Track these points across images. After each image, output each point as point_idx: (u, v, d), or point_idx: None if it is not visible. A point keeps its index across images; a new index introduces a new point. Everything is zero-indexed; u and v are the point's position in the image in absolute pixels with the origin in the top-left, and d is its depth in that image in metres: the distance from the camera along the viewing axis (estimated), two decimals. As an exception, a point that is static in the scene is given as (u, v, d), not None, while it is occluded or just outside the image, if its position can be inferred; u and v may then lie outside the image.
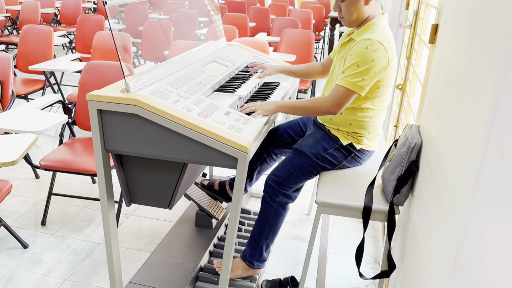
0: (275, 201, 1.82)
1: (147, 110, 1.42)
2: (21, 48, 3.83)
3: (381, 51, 1.61)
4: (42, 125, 2.09)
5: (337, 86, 1.65)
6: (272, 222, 1.83)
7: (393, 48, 1.68)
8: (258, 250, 1.86)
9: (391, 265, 1.56)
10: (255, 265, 1.89)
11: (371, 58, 1.61)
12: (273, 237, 1.87)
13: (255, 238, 1.86)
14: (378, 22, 1.71)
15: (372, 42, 1.61)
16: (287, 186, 1.81)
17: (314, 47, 4.30)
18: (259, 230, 1.85)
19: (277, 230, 1.87)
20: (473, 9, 1.05)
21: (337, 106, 1.65)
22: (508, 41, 0.75)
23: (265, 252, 1.88)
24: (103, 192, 1.61)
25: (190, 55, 2.03)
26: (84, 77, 2.58)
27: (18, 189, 2.83)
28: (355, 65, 1.62)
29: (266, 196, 1.83)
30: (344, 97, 1.64)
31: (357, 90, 1.63)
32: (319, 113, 1.69)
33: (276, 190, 1.81)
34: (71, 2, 6.75)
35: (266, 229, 1.84)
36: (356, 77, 1.62)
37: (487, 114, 0.82)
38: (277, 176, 1.81)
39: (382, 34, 1.65)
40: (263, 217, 1.84)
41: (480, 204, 0.81)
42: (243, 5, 6.96)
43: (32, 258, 2.17)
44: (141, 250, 2.27)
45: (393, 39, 1.72)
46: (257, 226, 1.86)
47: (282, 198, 1.82)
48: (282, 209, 1.83)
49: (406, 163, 1.50)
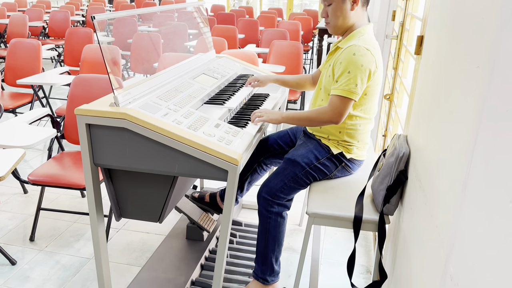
0: (272, 213, 1.80)
1: (136, 124, 1.41)
2: (9, 62, 3.81)
3: (368, 56, 1.65)
4: (30, 140, 2.07)
5: (334, 96, 1.68)
6: (274, 233, 1.82)
7: (379, 55, 1.73)
8: (268, 265, 1.83)
9: (382, 275, 1.56)
10: (269, 281, 1.85)
11: (360, 63, 1.64)
12: (279, 248, 1.85)
13: (262, 254, 1.83)
14: (363, 30, 1.75)
15: (358, 48, 1.65)
16: (281, 196, 1.81)
17: (303, 58, 4.34)
18: (264, 244, 1.82)
19: (282, 240, 1.85)
20: (456, 21, 1.08)
21: (338, 115, 1.67)
22: (491, 53, 0.77)
23: (276, 265, 1.85)
24: (93, 207, 1.60)
25: (180, 67, 2.03)
26: (73, 90, 2.57)
27: (6, 204, 2.79)
28: (345, 71, 1.66)
29: (261, 209, 1.82)
30: (343, 105, 1.67)
31: (352, 96, 1.66)
32: (322, 123, 1.72)
33: (270, 201, 1.80)
34: (60, 15, 6.75)
35: (270, 242, 1.82)
36: (350, 84, 1.65)
37: (472, 125, 0.83)
38: (270, 188, 1.80)
39: (367, 41, 1.69)
40: (264, 231, 1.82)
41: (467, 214, 0.82)
42: (232, 17, 7.01)
43: (21, 275, 2.14)
44: (132, 264, 2.25)
45: (379, 47, 1.76)
46: (261, 241, 1.83)
47: (278, 208, 1.81)
48: (280, 218, 1.82)
49: (395, 173, 1.52)
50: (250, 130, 1.67)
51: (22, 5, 9.36)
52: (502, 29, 0.74)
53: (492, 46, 0.76)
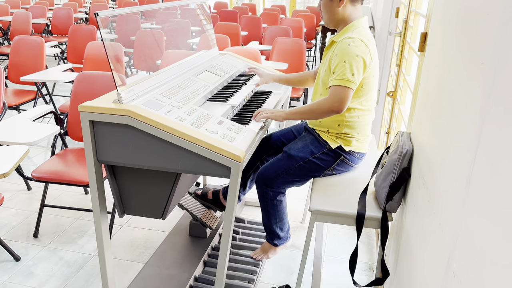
0: (267, 197, 1.90)
1: (140, 121, 1.42)
2: (13, 59, 3.82)
3: (363, 47, 1.69)
4: (34, 137, 2.08)
5: (332, 87, 1.70)
6: (273, 212, 1.93)
7: (374, 47, 1.76)
8: (274, 234, 1.99)
9: (384, 272, 1.56)
10: (279, 244, 2.03)
11: (356, 53, 1.68)
12: (282, 221, 1.97)
13: (267, 226, 1.98)
14: (357, 24, 1.79)
15: (353, 39, 1.70)
16: (274, 185, 1.87)
17: (306, 55, 4.33)
18: (267, 220, 1.96)
19: (283, 215, 1.96)
20: (460, 18, 1.07)
21: (338, 103, 1.68)
22: (495, 50, 0.77)
23: (282, 232, 2.00)
24: (96, 203, 1.60)
25: (183, 64, 2.03)
26: (76, 87, 2.58)
27: (10, 201, 2.80)
28: (341, 62, 1.69)
29: (258, 193, 1.92)
30: (342, 94, 1.68)
31: (350, 85, 1.67)
32: (324, 113, 1.73)
33: (265, 188, 1.88)
34: (63, 12, 6.75)
35: (272, 218, 1.95)
36: (347, 73, 1.67)
37: (476, 122, 0.83)
38: (264, 176, 1.87)
39: (361, 33, 1.74)
40: (265, 210, 1.94)
41: (471, 211, 0.82)
42: (235, 14, 7.00)
43: (24, 271, 2.15)
44: (135, 261, 2.25)
45: (373, 39, 1.80)
46: (264, 217, 1.96)
47: (273, 194, 1.89)
48: (277, 201, 1.91)
49: (398, 170, 1.51)
50: (253, 127, 1.67)
51: (26, 3, 9.38)
52: (506, 25, 0.73)
53: (497, 43, 0.76)
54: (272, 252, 2.06)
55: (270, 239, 2.02)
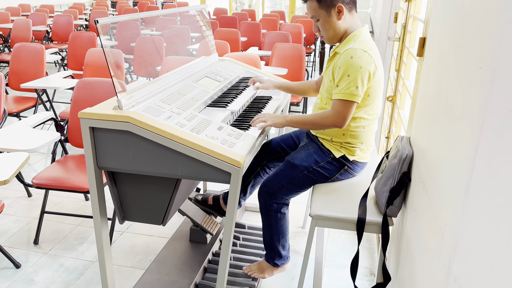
0: (271, 210, 1.86)
1: (140, 127, 1.42)
2: (13, 66, 3.83)
3: (366, 57, 1.66)
4: (34, 143, 2.08)
5: (336, 101, 1.68)
6: (276, 227, 1.89)
7: (377, 55, 1.73)
8: (275, 252, 1.94)
9: (386, 277, 1.56)
10: (279, 264, 1.96)
11: (359, 65, 1.65)
12: (284, 237, 1.93)
13: (269, 244, 1.93)
14: (358, 33, 1.77)
15: (355, 51, 1.66)
16: (278, 197, 1.84)
17: (305, 60, 4.34)
18: (269, 236, 1.91)
19: (285, 230, 1.92)
20: (458, 23, 1.08)
21: (342, 119, 1.68)
22: (493, 54, 0.77)
23: (283, 251, 1.94)
24: (96, 210, 1.60)
25: (182, 70, 2.04)
26: (76, 94, 2.58)
27: (10, 208, 2.80)
28: (345, 75, 1.66)
29: (261, 207, 1.88)
30: (345, 109, 1.67)
31: (355, 99, 1.66)
32: (325, 127, 1.72)
33: (269, 200, 1.85)
34: (63, 19, 6.78)
35: (274, 234, 1.90)
36: (351, 86, 1.65)
37: (474, 126, 0.83)
38: (268, 187, 1.84)
39: (363, 43, 1.70)
40: (267, 225, 1.90)
41: (471, 215, 0.82)
42: (234, 20, 7.03)
43: (25, 278, 2.14)
44: (135, 267, 2.25)
45: (376, 47, 1.78)
46: (265, 233, 1.92)
47: (277, 206, 1.86)
48: (280, 214, 1.88)
49: (398, 175, 1.51)
50: (253, 132, 1.67)
51: (26, 10, 9.42)
52: (504, 30, 0.74)
53: (495, 47, 0.77)
54: (269, 272, 1.98)
55: (271, 258, 1.95)
